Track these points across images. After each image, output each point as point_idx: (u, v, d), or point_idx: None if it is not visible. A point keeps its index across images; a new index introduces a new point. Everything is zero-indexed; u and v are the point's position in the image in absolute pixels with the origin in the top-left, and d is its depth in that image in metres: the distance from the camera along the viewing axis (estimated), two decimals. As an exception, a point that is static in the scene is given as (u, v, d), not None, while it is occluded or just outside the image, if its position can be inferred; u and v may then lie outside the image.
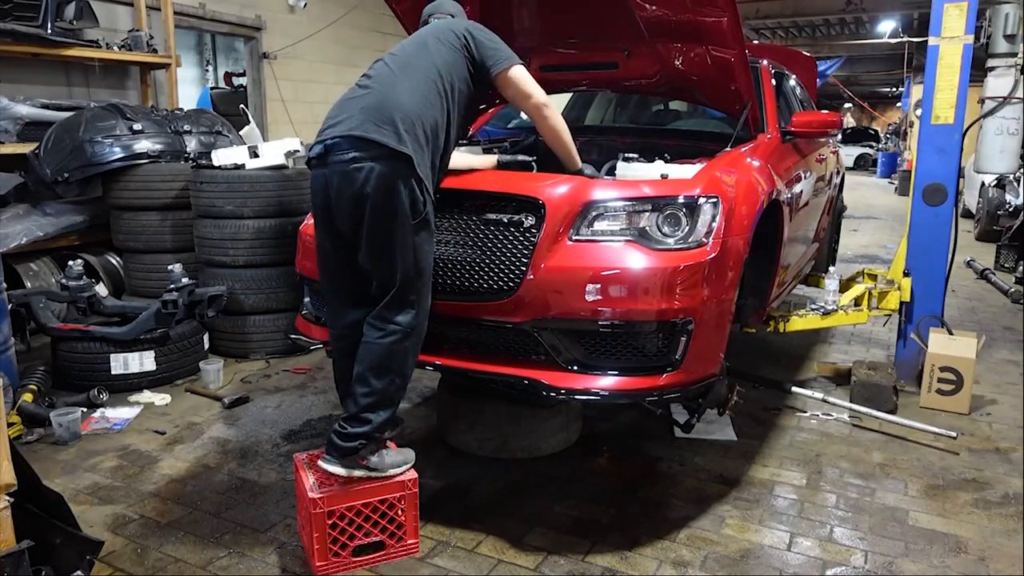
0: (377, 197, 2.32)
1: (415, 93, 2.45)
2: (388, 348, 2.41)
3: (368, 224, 2.36)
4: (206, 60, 12.03)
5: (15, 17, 4.92)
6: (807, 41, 16.86)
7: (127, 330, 4.02)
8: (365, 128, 2.34)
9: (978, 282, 7.16)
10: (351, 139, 2.35)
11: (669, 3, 3.07)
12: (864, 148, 25.79)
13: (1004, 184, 9.14)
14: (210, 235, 4.50)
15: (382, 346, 2.41)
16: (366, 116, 2.36)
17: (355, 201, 2.35)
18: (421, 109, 2.43)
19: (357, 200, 2.35)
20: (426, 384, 4.10)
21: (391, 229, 2.35)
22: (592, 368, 2.58)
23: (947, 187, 3.91)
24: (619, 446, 3.41)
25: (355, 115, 2.39)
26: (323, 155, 2.41)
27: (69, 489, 2.96)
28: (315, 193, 2.49)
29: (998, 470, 3.24)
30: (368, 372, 2.41)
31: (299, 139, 4.83)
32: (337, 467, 2.42)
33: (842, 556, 2.58)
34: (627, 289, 2.49)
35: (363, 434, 2.42)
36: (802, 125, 3.77)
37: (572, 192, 2.62)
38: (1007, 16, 4.24)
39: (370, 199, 2.33)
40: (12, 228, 4.74)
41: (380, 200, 2.32)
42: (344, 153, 2.35)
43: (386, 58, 2.60)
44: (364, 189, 2.32)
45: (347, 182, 2.35)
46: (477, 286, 2.65)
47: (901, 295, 4.03)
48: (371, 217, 2.35)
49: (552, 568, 2.48)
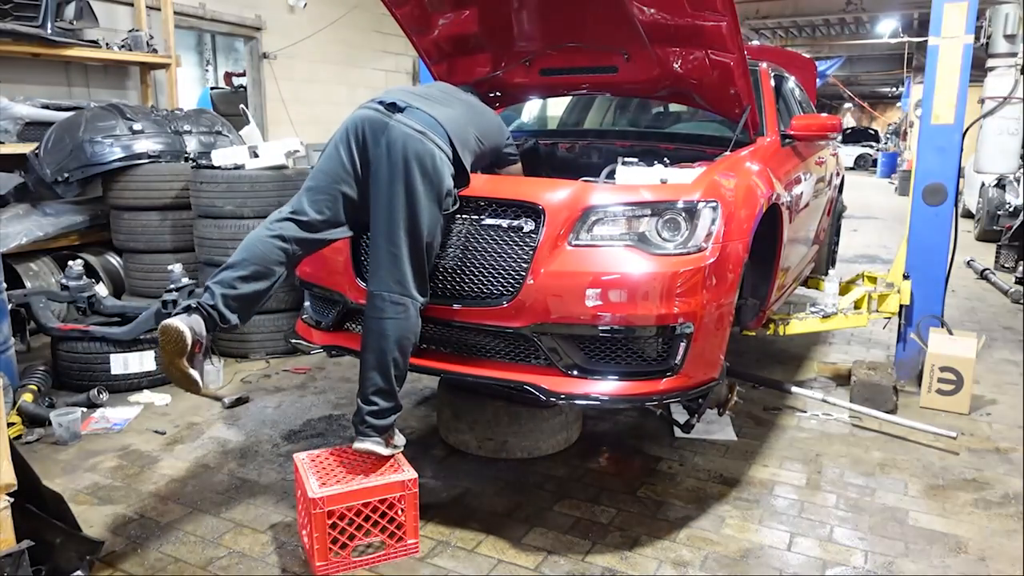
0: (429, 174, 2.50)
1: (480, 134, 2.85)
2: (408, 323, 2.53)
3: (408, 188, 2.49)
4: (206, 60, 12.04)
5: (15, 17, 4.92)
6: (807, 41, 16.87)
7: (127, 330, 4.02)
8: (455, 127, 2.64)
9: (978, 282, 7.17)
10: (436, 121, 2.59)
11: (668, 7, 3.07)
12: (864, 148, 25.80)
13: (1004, 184, 9.14)
14: (210, 235, 4.50)
15: (400, 320, 2.51)
16: (451, 117, 2.67)
17: (404, 160, 2.49)
18: (476, 147, 2.80)
19: (405, 161, 2.49)
20: (426, 384, 4.10)
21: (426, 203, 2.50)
22: (592, 373, 2.58)
23: (947, 187, 3.91)
24: (619, 446, 3.41)
25: (441, 109, 2.67)
26: (395, 106, 2.57)
27: (69, 489, 2.95)
28: (357, 128, 2.58)
29: (998, 470, 3.24)
30: (395, 348, 2.51)
31: (299, 139, 4.83)
32: (381, 447, 2.53)
33: (842, 556, 2.58)
34: (627, 294, 2.49)
35: (395, 408, 2.56)
36: (802, 129, 3.77)
37: (571, 197, 2.63)
38: (1007, 16, 4.25)
39: (425, 173, 2.49)
40: (12, 228, 4.74)
41: (430, 177, 2.50)
42: (418, 124, 2.54)
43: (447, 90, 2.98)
44: (422, 161, 2.49)
45: (408, 144, 2.50)
46: (477, 291, 2.66)
47: (901, 298, 4.03)
48: (414, 185, 2.49)
49: (552, 568, 2.48)
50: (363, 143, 2.55)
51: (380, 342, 2.51)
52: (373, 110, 2.59)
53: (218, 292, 2.42)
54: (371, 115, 2.57)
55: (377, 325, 2.53)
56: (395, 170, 2.48)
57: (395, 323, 2.51)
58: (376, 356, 2.53)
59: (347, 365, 4.38)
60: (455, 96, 2.96)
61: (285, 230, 2.53)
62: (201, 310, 2.38)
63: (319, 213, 2.57)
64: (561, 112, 4.80)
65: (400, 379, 2.57)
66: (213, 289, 2.43)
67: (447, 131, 2.61)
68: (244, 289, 2.46)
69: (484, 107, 3.12)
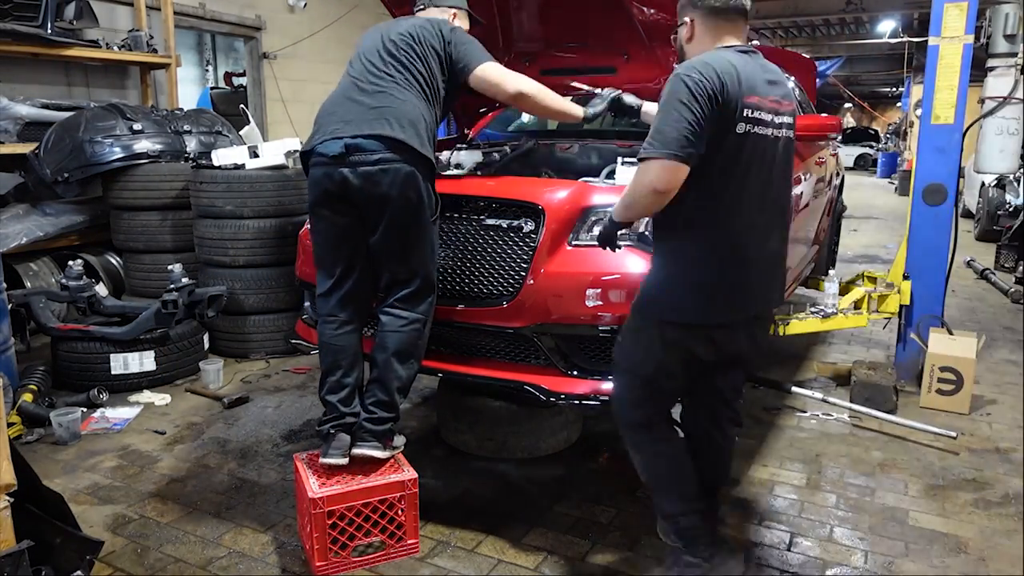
0: (406, 197, 2.42)
1: (420, 96, 2.52)
2: (411, 337, 2.54)
3: (396, 222, 2.44)
4: (206, 60, 12.03)
5: (15, 17, 4.91)
6: (807, 41, 16.86)
7: (127, 330, 4.02)
8: (391, 129, 2.39)
9: (978, 282, 7.16)
10: (378, 139, 2.40)
11: (668, 8, 3.07)
12: (864, 148, 25.77)
13: (1004, 184, 9.13)
14: (210, 235, 4.50)
15: (406, 334, 2.54)
16: (384, 116, 2.42)
17: (381, 201, 2.42)
18: (425, 111, 2.51)
19: (382, 200, 2.42)
20: (426, 384, 4.10)
21: (418, 226, 2.48)
22: (592, 373, 2.59)
23: (947, 187, 3.91)
24: (619, 446, 3.41)
25: (369, 115, 2.43)
26: (342, 154, 2.41)
27: (69, 489, 2.96)
28: (325, 190, 2.47)
29: (998, 470, 3.23)
30: (394, 359, 2.53)
31: (299, 139, 4.82)
32: (379, 451, 2.53)
33: (842, 556, 2.58)
34: (626, 294, 2.49)
35: (393, 418, 2.58)
36: (801, 129, 3.73)
37: (571, 197, 2.63)
38: (1007, 16, 4.26)
39: (397, 199, 2.41)
40: (12, 228, 4.74)
41: (409, 200, 2.43)
42: (370, 154, 2.39)
43: (379, 55, 2.57)
44: (391, 190, 2.40)
45: (372, 183, 2.40)
46: (477, 291, 2.66)
47: (901, 299, 4.03)
48: (400, 215, 2.44)
49: (552, 568, 2.48)
50: (340, 203, 2.48)
51: (382, 355, 2.54)
52: (327, 166, 2.45)
53: (334, 400, 2.59)
54: (330, 174, 2.44)
55: (379, 339, 2.56)
56: (383, 211, 2.44)
57: (397, 336, 2.54)
58: (380, 371, 2.56)
59: (347, 365, 4.37)
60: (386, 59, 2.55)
61: (342, 314, 2.60)
62: (343, 426, 2.57)
63: (347, 278, 2.58)
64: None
65: (403, 391, 2.60)
66: (331, 400, 2.59)
67: (392, 139, 2.40)
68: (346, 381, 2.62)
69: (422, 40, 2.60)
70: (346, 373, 2.58)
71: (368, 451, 2.52)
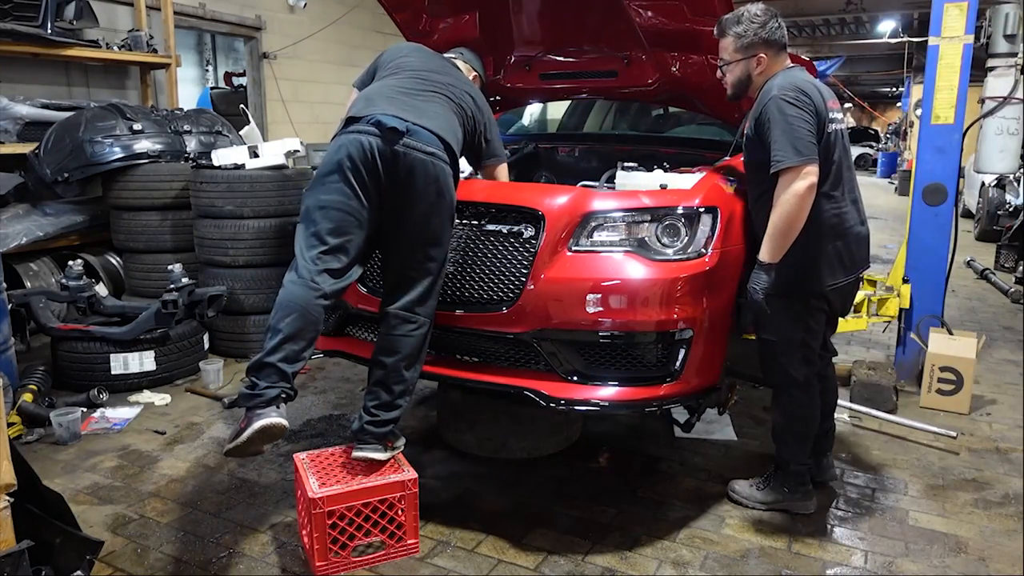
0: (444, 194, 2.51)
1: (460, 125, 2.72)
2: (420, 340, 2.58)
3: (431, 213, 2.50)
4: (206, 60, 12.03)
5: (15, 17, 4.91)
6: (807, 41, 16.85)
7: (127, 330, 4.02)
8: (444, 131, 2.55)
9: (978, 282, 7.17)
10: (433, 134, 2.51)
11: (667, 12, 3.07)
12: (864, 148, 25.76)
13: (1004, 184, 9.14)
14: (210, 235, 4.50)
15: (416, 338, 2.57)
16: (438, 118, 2.59)
17: (422, 189, 2.47)
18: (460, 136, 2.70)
19: (424, 189, 2.47)
20: (426, 384, 4.09)
21: (446, 225, 2.56)
22: (592, 378, 2.58)
23: (947, 187, 3.91)
24: (619, 446, 3.41)
25: (427, 113, 2.57)
26: (400, 132, 2.45)
27: (69, 489, 2.95)
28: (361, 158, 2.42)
29: (998, 470, 3.24)
30: (401, 363, 2.56)
31: (299, 139, 4.83)
32: (379, 453, 2.54)
33: (842, 556, 2.58)
34: (626, 300, 2.49)
35: (395, 419, 2.60)
36: None
37: (571, 203, 2.62)
38: (1007, 16, 4.24)
39: (438, 193, 2.49)
40: (12, 228, 4.74)
41: (445, 197, 2.52)
42: (425, 144, 2.48)
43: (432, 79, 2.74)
44: (435, 183, 2.48)
45: (421, 169, 2.46)
46: (477, 297, 2.66)
47: (900, 302, 4.02)
48: (436, 209, 2.50)
49: (552, 568, 2.48)
50: (375, 176, 2.44)
51: (389, 358, 2.55)
52: (375, 136, 2.44)
53: (290, 371, 2.35)
54: (376, 144, 2.43)
55: (386, 342, 2.57)
56: (420, 202, 2.47)
57: (406, 341, 2.55)
58: (383, 372, 2.57)
59: (347, 366, 4.37)
60: (434, 79, 2.74)
61: (325, 285, 2.40)
62: (289, 396, 2.38)
63: (345, 255, 2.45)
64: (561, 115, 4.80)
65: (407, 394, 2.60)
66: (285, 370, 2.33)
67: (443, 140, 2.54)
68: (305, 355, 2.40)
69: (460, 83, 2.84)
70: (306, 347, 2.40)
71: (370, 453, 2.53)
